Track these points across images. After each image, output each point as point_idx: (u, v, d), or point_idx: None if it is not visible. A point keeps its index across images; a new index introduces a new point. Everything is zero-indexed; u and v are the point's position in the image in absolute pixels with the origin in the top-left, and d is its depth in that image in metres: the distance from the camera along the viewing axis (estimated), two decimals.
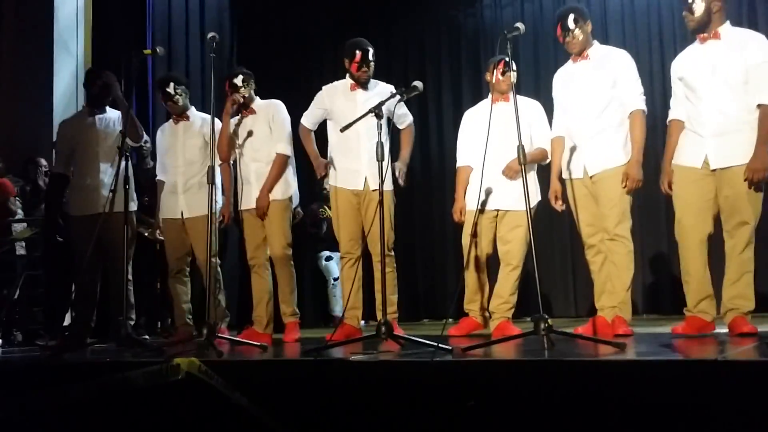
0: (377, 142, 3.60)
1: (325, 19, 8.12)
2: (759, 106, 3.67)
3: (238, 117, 4.86)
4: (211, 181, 3.95)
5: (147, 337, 5.65)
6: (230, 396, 2.94)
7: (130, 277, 4.69)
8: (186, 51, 7.50)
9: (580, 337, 3.37)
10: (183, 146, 4.97)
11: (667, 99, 4.19)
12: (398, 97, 3.83)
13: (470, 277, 4.63)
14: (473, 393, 2.68)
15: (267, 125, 4.78)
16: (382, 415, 2.79)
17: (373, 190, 4.54)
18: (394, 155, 4.74)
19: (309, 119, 4.87)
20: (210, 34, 4.05)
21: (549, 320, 3.15)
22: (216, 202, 4.66)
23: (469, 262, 4.60)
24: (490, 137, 3.64)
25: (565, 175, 4.31)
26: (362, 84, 4.72)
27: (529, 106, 4.63)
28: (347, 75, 4.76)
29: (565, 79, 4.36)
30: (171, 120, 5.10)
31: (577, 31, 4.20)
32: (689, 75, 3.89)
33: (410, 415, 2.75)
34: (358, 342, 3.85)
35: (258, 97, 4.93)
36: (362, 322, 5.19)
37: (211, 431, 3.04)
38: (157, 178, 5.13)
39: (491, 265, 4.70)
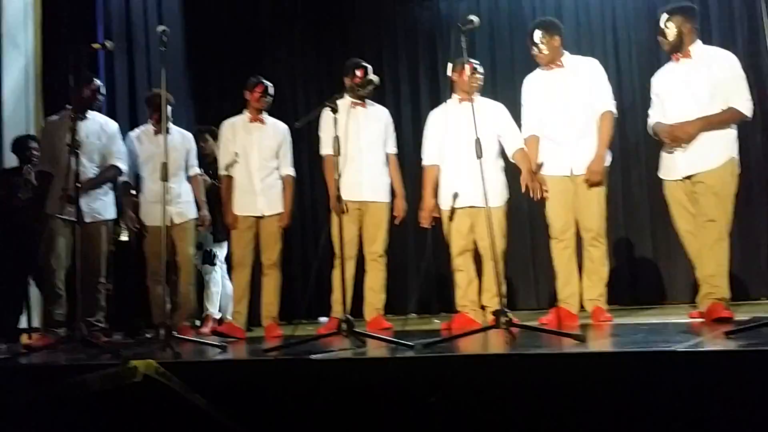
0: None
1: (280, 15, 8.04)
2: (729, 108, 4.01)
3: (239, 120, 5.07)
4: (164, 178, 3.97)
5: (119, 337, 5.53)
6: (188, 397, 2.89)
7: (102, 279, 4.94)
8: (146, 45, 7.34)
9: (540, 330, 3.39)
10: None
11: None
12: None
13: (459, 274, 4.75)
14: (435, 389, 2.66)
15: (276, 143, 5.06)
16: (342, 413, 2.76)
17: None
18: None
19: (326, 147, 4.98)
20: (160, 28, 3.97)
21: (509, 314, 3.16)
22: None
23: (455, 260, 4.74)
24: (458, 136, 3.66)
25: (543, 171, 4.54)
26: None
27: (496, 108, 4.82)
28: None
29: (540, 84, 4.61)
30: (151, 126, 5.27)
31: (542, 46, 4.50)
32: (663, 90, 4.30)
33: (371, 413, 2.72)
34: (321, 339, 3.81)
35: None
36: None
37: None
38: (122, 178, 5.20)
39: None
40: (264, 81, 5.08)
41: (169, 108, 5.05)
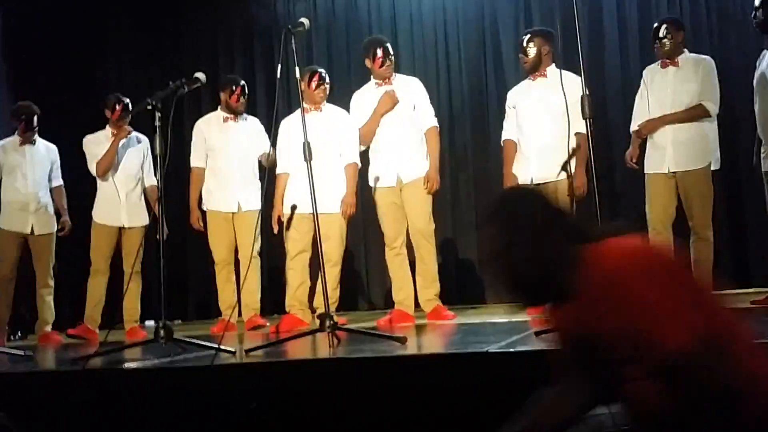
0: None
1: (114, 15, 7.65)
2: (576, 134, 4.13)
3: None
4: None
5: None
6: None
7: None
8: None
9: (363, 332, 3.41)
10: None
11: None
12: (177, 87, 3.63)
13: (291, 274, 4.89)
14: (256, 395, 2.61)
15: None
16: (159, 424, 2.64)
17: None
18: None
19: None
20: None
21: (334, 317, 3.18)
22: None
23: (289, 261, 4.89)
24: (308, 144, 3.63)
25: (372, 184, 4.80)
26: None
27: (341, 117, 4.95)
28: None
29: (371, 99, 4.81)
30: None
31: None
32: (520, 105, 4.63)
33: (190, 422, 2.63)
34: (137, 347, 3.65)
35: None
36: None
37: None
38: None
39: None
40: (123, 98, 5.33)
41: (35, 118, 5.30)
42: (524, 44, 4.59)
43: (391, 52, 4.85)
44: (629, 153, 4.72)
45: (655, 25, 4.70)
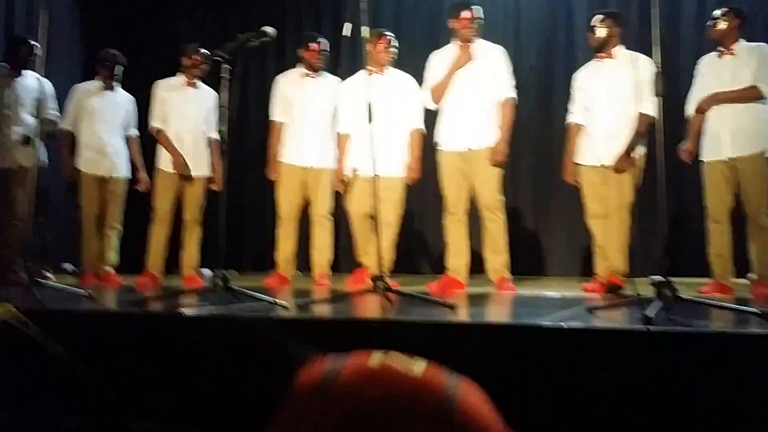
0: None
1: None
2: (641, 114, 4.30)
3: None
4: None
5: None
6: (47, 347, 2.76)
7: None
8: None
9: (414, 296, 3.43)
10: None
11: None
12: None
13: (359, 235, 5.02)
14: (307, 350, 2.65)
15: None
16: (211, 371, 2.71)
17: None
18: None
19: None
20: None
21: (386, 279, 3.21)
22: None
23: (354, 222, 5.02)
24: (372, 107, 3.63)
25: (439, 147, 4.81)
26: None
27: (406, 82, 5.01)
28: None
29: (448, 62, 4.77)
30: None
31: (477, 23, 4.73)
32: (588, 86, 4.65)
33: (241, 372, 2.69)
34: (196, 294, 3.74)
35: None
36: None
37: (25, 384, 2.85)
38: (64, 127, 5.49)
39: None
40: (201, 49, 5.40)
41: (121, 68, 5.50)
42: (594, 23, 4.59)
43: (479, 15, 4.75)
44: (687, 147, 4.64)
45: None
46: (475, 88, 4.69)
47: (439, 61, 4.83)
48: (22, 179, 5.11)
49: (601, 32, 4.57)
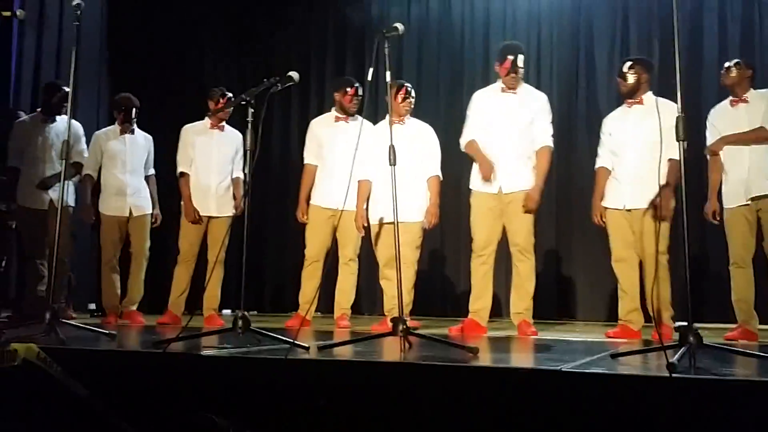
0: None
1: (207, 9, 7.88)
2: (669, 160, 4.29)
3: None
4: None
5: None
6: (69, 386, 2.78)
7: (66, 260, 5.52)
8: (60, 16, 7.06)
9: (435, 339, 3.41)
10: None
11: None
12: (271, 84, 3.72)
13: (384, 282, 5.06)
14: (326, 392, 2.64)
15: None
16: (230, 411, 2.71)
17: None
18: None
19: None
20: (74, 1, 3.81)
21: (408, 322, 3.20)
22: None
23: (383, 270, 5.07)
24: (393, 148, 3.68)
25: (471, 186, 4.85)
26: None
27: (425, 131, 5.17)
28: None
29: (491, 102, 4.85)
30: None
31: (521, 70, 4.80)
32: (616, 131, 4.68)
33: (260, 413, 2.69)
34: (214, 335, 3.75)
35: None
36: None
37: (48, 422, 2.86)
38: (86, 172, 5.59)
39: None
40: (227, 93, 5.51)
41: (134, 110, 5.60)
42: (624, 70, 4.64)
43: (520, 64, 4.79)
44: (709, 208, 4.69)
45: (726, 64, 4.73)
46: (512, 134, 4.73)
47: (482, 102, 4.92)
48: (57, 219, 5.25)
49: (631, 79, 4.61)
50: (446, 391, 2.53)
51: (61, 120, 5.55)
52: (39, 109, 5.69)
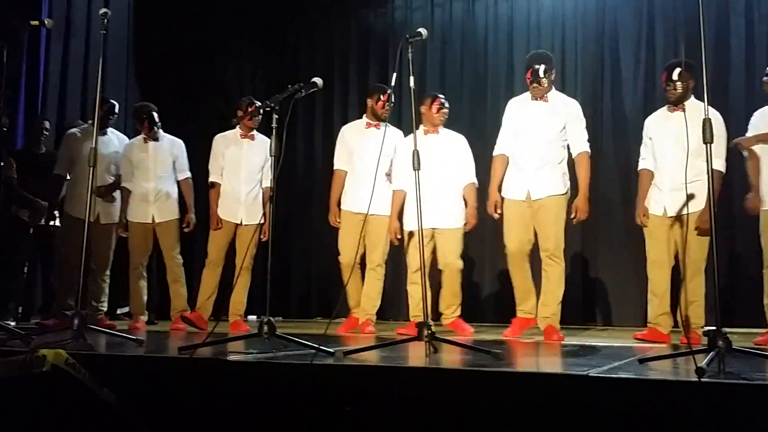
0: None
1: (231, 15, 7.94)
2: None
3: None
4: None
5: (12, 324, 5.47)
6: (98, 392, 2.81)
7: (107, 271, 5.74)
8: (87, 24, 7.15)
9: (458, 344, 3.40)
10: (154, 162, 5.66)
11: None
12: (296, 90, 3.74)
13: (413, 287, 5.05)
14: (351, 397, 2.65)
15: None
16: (256, 416, 2.72)
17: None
18: None
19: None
20: (102, 10, 3.87)
21: (432, 327, 3.20)
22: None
23: (411, 275, 5.06)
24: (424, 165, 3.70)
25: (503, 193, 4.84)
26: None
27: (458, 141, 5.24)
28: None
29: (520, 111, 4.85)
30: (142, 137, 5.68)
31: (544, 80, 4.74)
32: (656, 137, 4.66)
33: (286, 418, 2.69)
34: (240, 340, 3.77)
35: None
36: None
37: (76, 428, 2.89)
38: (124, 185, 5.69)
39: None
40: (256, 102, 5.56)
41: (155, 115, 5.64)
42: (674, 78, 4.55)
43: (550, 72, 4.78)
44: (752, 202, 4.61)
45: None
46: (541, 140, 4.72)
47: (513, 108, 4.93)
48: (101, 232, 5.59)
49: (680, 88, 4.54)
50: (472, 396, 2.52)
51: (110, 133, 5.77)
52: (90, 121, 5.76)
